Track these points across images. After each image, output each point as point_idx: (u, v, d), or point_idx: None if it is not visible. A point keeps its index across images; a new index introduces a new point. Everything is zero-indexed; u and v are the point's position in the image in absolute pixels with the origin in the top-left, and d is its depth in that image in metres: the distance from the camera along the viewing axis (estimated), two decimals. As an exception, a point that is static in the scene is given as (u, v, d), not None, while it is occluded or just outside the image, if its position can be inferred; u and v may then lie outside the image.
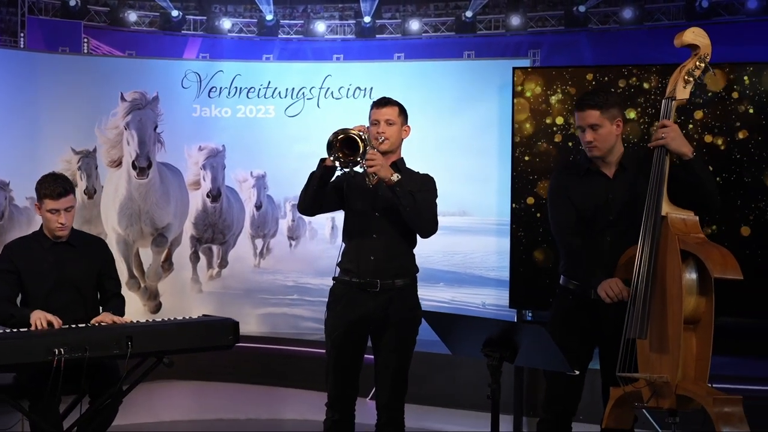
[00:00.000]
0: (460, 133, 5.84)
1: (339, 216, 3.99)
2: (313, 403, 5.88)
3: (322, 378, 6.03)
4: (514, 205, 5.20)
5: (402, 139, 3.74)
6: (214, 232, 6.37)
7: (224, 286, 6.37)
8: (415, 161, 5.65)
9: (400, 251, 3.70)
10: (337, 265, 3.78)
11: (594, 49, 5.79)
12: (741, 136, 4.77)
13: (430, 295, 5.85)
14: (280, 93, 6.25)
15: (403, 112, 3.73)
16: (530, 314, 5.51)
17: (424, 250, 3.82)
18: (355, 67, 6.22)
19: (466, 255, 5.91)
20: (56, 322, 3.56)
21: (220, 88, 6.27)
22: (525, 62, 5.73)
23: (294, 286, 6.31)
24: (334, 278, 3.79)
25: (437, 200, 3.76)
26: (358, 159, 3.40)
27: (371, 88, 6.07)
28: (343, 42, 6.41)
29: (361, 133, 3.47)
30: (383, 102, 3.71)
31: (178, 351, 3.53)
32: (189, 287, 6.38)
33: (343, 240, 3.79)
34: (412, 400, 4.99)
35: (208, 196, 6.30)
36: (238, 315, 6.04)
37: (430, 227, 3.68)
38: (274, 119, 6.27)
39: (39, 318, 3.54)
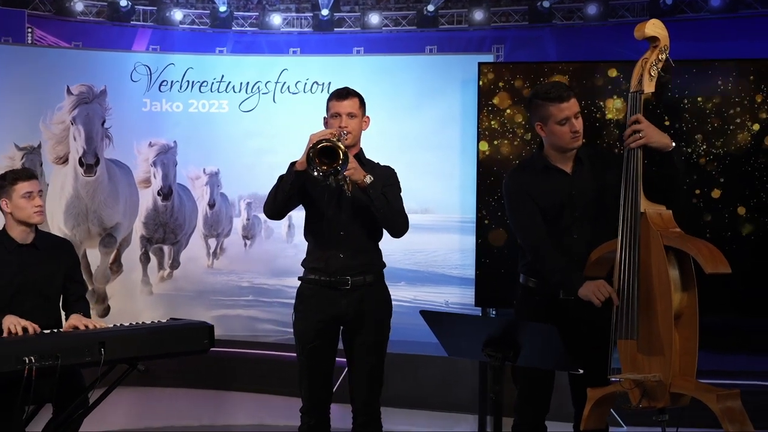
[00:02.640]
0: (422, 129, 5.94)
1: (295, 214, 4.13)
2: (270, 407, 6.00)
3: (278, 381, 6.16)
4: (486, 199, 5.32)
5: (362, 131, 3.83)
6: (165, 232, 6.37)
7: (176, 288, 6.39)
8: (376, 158, 5.69)
9: (369, 247, 3.82)
10: (303, 264, 3.88)
11: (558, 45, 5.91)
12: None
13: (392, 295, 5.72)
14: (234, 87, 6.28)
15: (363, 103, 3.83)
16: (494, 312, 5.66)
17: (386, 248, 3.96)
18: (313, 61, 6.29)
19: (428, 253, 5.98)
20: (31, 327, 3.53)
21: (172, 81, 6.28)
22: (488, 57, 5.86)
23: (249, 287, 6.35)
24: (300, 278, 3.87)
25: (401, 194, 3.89)
26: (339, 167, 3.45)
27: (329, 83, 6.13)
28: (299, 35, 6.45)
29: (338, 140, 3.52)
30: (344, 94, 3.78)
31: (153, 356, 3.56)
32: (139, 289, 6.39)
33: (307, 238, 3.88)
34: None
35: (158, 194, 6.30)
36: (190, 317, 6.07)
37: (403, 227, 3.82)
38: (227, 114, 6.30)
39: (13, 323, 3.50)
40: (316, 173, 3.45)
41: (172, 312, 5.86)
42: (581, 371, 2.96)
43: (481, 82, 5.35)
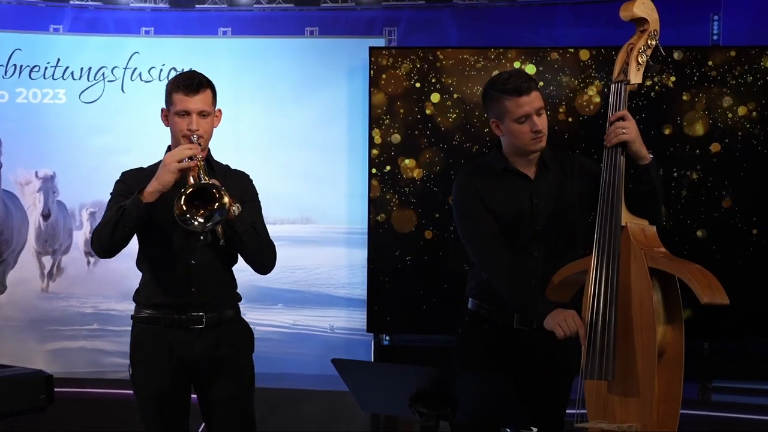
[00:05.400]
0: (301, 125, 5.64)
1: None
2: (123, 458, 5.45)
3: (129, 426, 5.65)
4: (379, 207, 5.18)
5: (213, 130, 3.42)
6: None
7: (2, 317, 5.86)
8: (247, 159, 5.51)
9: (225, 276, 3.43)
10: (137, 299, 3.46)
11: (460, 28, 5.70)
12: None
13: (267, 319, 5.67)
14: (73, 73, 5.84)
15: (215, 95, 3.40)
16: (387, 339, 5.49)
17: None
18: (170, 43, 5.89)
19: (309, 270, 5.73)
20: None
21: None
22: (380, 41, 5.61)
23: (93, 313, 5.90)
24: (134, 318, 3.45)
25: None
26: (217, 208, 3.04)
27: (190, 70, 5.63)
28: (153, 12, 6.00)
29: (209, 180, 3.11)
30: (194, 86, 3.32)
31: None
32: (-45, 319, 5.88)
33: (142, 266, 3.46)
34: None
35: None
36: (21, 352, 5.66)
37: (272, 261, 3.42)
38: (65, 106, 5.85)
39: None
40: (197, 224, 3.04)
41: (-4, 346, 5.49)
42: (535, 430, 2.60)
43: (371, 70, 5.16)
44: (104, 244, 3.26)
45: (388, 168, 5.15)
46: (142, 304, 3.39)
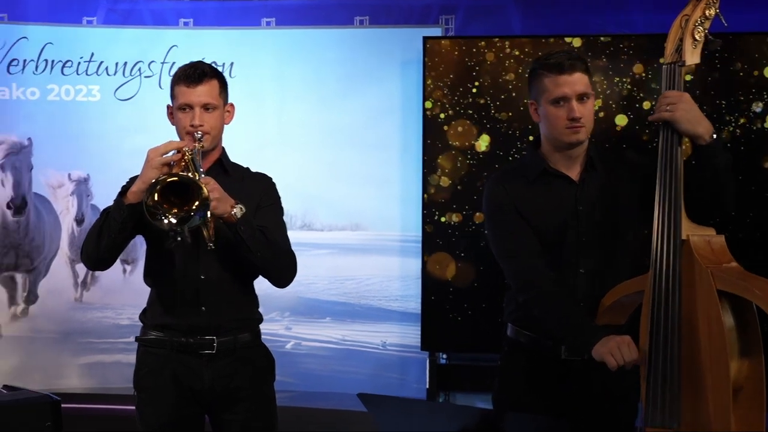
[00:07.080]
0: (350, 122, 5.46)
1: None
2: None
3: None
4: (436, 213, 5.03)
5: (224, 127, 3.22)
6: (18, 256, 5.80)
7: (33, 329, 5.77)
8: (292, 158, 5.28)
9: (241, 295, 3.20)
10: (142, 320, 3.24)
11: (525, 17, 5.45)
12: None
13: (314, 334, 5.50)
14: (107, 69, 5.75)
15: (224, 87, 3.18)
16: (444, 357, 5.28)
17: (305, 275, 3.52)
18: (210, 35, 5.76)
19: (360, 281, 5.54)
20: None
21: (25, 61, 5.71)
22: (435, 31, 5.40)
23: (130, 325, 5.68)
24: (139, 339, 3.22)
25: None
26: (196, 209, 2.83)
27: (231, 64, 5.60)
28: (192, 3, 5.89)
29: (193, 160, 2.94)
30: (196, 75, 3.13)
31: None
32: (-17, 331, 5.81)
33: (148, 282, 3.23)
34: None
35: (9, 207, 5.73)
36: (54, 366, 5.42)
37: (289, 272, 3.17)
38: (99, 103, 5.75)
39: None
40: (165, 222, 2.81)
41: (29, 360, 5.48)
42: None
43: (427, 63, 5.00)
44: (90, 253, 3.04)
45: (445, 169, 4.97)
46: (148, 325, 3.18)
